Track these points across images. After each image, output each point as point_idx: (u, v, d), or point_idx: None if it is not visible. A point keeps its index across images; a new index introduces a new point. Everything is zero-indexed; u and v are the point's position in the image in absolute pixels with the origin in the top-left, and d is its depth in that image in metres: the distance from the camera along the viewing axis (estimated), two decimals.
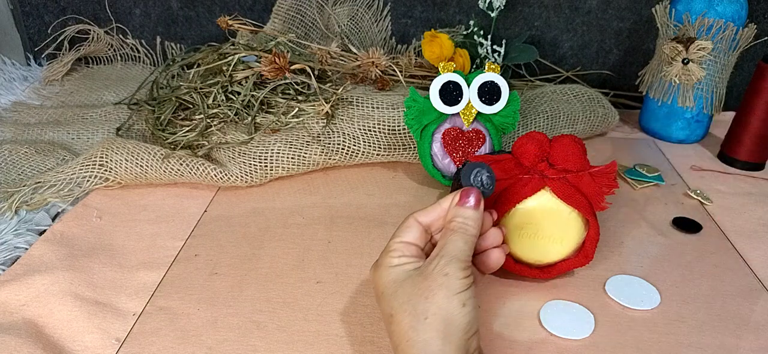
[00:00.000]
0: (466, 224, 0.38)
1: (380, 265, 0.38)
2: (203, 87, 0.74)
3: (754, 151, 0.70)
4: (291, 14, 0.90)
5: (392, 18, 0.94)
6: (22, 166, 0.67)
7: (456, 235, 0.37)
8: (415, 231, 0.39)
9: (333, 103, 0.67)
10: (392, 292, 0.36)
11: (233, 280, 0.49)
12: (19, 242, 0.54)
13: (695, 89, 0.74)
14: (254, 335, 0.43)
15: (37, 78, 0.94)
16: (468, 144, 0.61)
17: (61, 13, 0.98)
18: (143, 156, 0.62)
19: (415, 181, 0.67)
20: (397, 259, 0.38)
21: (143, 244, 0.54)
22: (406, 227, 0.39)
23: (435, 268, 0.35)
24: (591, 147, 0.53)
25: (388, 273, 0.37)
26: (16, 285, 0.47)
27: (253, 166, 0.63)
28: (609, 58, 0.93)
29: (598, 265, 0.51)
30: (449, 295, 0.34)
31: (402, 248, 0.38)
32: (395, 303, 0.35)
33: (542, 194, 0.46)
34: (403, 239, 0.39)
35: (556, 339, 0.43)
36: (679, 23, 0.73)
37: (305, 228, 0.57)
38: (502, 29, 0.92)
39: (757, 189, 0.67)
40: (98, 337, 0.43)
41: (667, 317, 0.46)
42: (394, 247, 0.38)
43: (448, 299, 0.34)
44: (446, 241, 0.37)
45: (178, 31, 0.99)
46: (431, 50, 0.78)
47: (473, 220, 0.38)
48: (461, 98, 0.59)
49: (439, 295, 0.34)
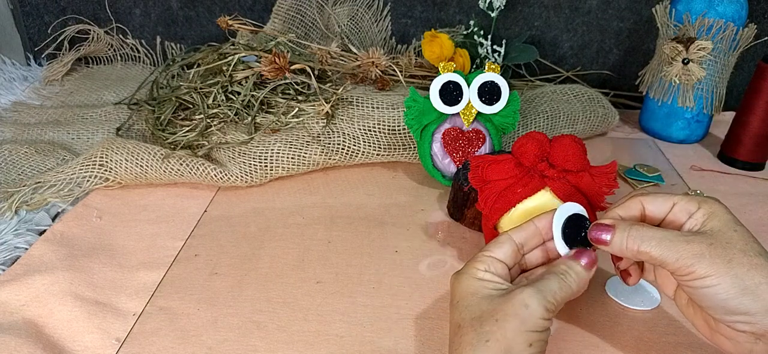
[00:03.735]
0: (568, 274, 0.35)
1: (463, 273, 0.37)
2: (203, 87, 0.74)
3: (754, 151, 0.70)
4: (291, 14, 0.90)
5: (392, 18, 0.94)
6: (22, 166, 0.66)
7: (554, 278, 0.35)
8: (508, 248, 0.38)
9: (333, 103, 0.67)
10: (467, 305, 0.35)
11: (233, 280, 0.49)
12: (19, 242, 0.54)
13: (695, 89, 0.74)
14: (254, 335, 0.43)
15: (37, 78, 0.94)
16: (468, 144, 0.61)
17: (61, 13, 0.98)
18: (143, 156, 0.62)
19: (415, 181, 0.67)
20: (483, 272, 0.36)
21: (143, 244, 0.54)
22: (498, 242, 0.38)
23: (517, 296, 0.33)
24: (591, 147, 0.53)
25: (470, 283, 0.36)
26: (16, 285, 0.47)
27: (253, 166, 0.63)
28: (609, 58, 0.93)
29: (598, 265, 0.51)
30: (520, 329, 0.32)
31: (490, 262, 0.37)
32: (467, 315, 0.34)
33: (542, 194, 0.46)
34: (493, 254, 0.37)
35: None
36: (679, 23, 0.73)
37: (305, 228, 0.57)
38: (502, 29, 0.92)
39: (757, 189, 0.67)
40: (98, 337, 0.43)
41: (667, 317, 0.46)
42: (482, 258, 0.37)
43: (517, 332, 0.32)
44: (542, 278, 0.35)
45: (178, 31, 0.99)
46: (431, 50, 0.78)
47: (578, 275, 0.36)
48: (461, 98, 0.59)
49: (510, 323, 0.32)
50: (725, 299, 0.32)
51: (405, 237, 0.56)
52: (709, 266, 0.32)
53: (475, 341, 0.33)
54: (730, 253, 0.32)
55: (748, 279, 0.32)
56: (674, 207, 0.36)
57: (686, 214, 0.35)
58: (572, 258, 0.37)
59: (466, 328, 0.34)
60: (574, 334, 0.44)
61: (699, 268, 0.32)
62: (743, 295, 0.32)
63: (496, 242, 0.38)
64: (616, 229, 0.36)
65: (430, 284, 0.49)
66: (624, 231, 0.35)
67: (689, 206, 0.35)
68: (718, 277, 0.32)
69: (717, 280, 0.32)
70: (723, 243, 0.33)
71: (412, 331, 0.44)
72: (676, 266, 0.33)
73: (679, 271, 0.33)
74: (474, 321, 0.34)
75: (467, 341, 0.33)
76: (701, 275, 0.32)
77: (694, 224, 0.35)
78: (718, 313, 0.33)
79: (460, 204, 0.57)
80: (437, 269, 0.51)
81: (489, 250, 0.38)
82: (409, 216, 0.60)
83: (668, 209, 0.36)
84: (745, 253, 0.32)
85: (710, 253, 0.32)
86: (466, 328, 0.34)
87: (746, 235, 0.33)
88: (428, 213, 0.60)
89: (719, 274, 0.32)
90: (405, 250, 0.54)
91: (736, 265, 0.32)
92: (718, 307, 0.32)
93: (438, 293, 0.48)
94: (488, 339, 0.32)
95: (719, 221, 0.34)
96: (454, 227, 0.58)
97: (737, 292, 0.32)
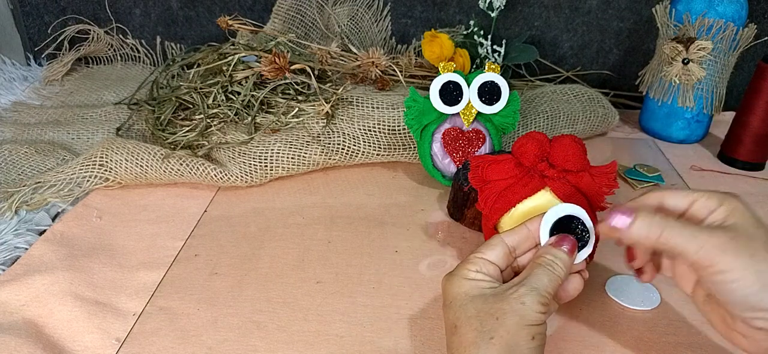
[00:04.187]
0: (554, 263, 0.36)
1: (454, 275, 0.37)
2: (203, 87, 0.74)
3: (754, 151, 0.70)
4: (291, 14, 0.90)
5: (392, 18, 0.94)
6: (22, 166, 0.66)
7: (542, 270, 0.36)
8: (500, 250, 0.38)
9: (333, 103, 0.67)
10: (461, 304, 0.35)
11: (233, 280, 0.49)
12: (19, 242, 0.54)
13: (695, 89, 0.74)
14: (254, 335, 0.43)
15: (37, 78, 0.94)
16: (468, 144, 0.61)
17: (61, 13, 0.98)
18: (143, 156, 0.62)
19: (415, 181, 0.67)
20: (474, 273, 0.36)
21: (143, 244, 0.54)
22: (490, 245, 0.38)
23: (513, 294, 0.34)
24: (591, 147, 0.53)
25: (461, 284, 0.36)
26: (16, 285, 0.47)
27: (253, 166, 0.63)
28: (609, 58, 0.93)
29: (598, 265, 0.51)
30: (521, 324, 0.33)
31: (482, 264, 0.37)
32: (462, 315, 0.34)
33: (542, 194, 0.46)
34: (484, 256, 0.37)
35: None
36: (679, 23, 0.73)
37: (305, 228, 0.57)
38: (502, 29, 0.92)
39: (757, 189, 0.67)
40: (98, 337, 0.43)
41: (667, 317, 0.46)
42: (473, 260, 0.37)
43: (518, 327, 0.32)
44: (531, 273, 0.36)
45: (178, 31, 0.99)
46: (431, 50, 0.78)
47: (563, 262, 0.36)
48: (461, 98, 0.59)
49: (510, 319, 0.33)
50: (747, 295, 0.31)
51: (405, 237, 0.56)
52: (732, 260, 0.31)
53: (478, 339, 0.33)
54: (753, 248, 0.32)
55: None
56: (695, 203, 0.35)
57: (707, 210, 0.35)
58: (554, 245, 0.37)
59: (465, 327, 0.34)
60: (574, 334, 0.44)
61: (721, 262, 0.32)
62: (765, 290, 0.31)
63: (488, 244, 0.38)
64: (637, 214, 0.34)
65: (430, 284, 0.49)
66: (646, 217, 0.34)
67: (710, 203, 0.35)
68: (740, 271, 0.31)
69: (740, 274, 0.31)
70: (746, 238, 0.32)
71: (412, 331, 0.44)
72: (697, 257, 0.32)
73: (700, 263, 0.33)
74: (472, 320, 0.34)
75: (470, 339, 0.33)
76: (723, 269, 0.32)
77: (715, 220, 0.34)
78: (738, 309, 0.32)
79: (460, 204, 0.57)
80: (437, 269, 0.51)
81: (480, 252, 0.38)
82: (409, 216, 0.60)
83: (688, 205, 0.36)
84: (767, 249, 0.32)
85: (733, 247, 0.32)
86: (465, 327, 0.34)
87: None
88: (428, 213, 0.60)
89: (742, 268, 0.31)
90: (405, 250, 0.54)
91: (760, 260, 0.31)
92: (739, 302, 0.32)
93: (438, 293, 0.48)
94: (492, 336, 0.32)
95: (741, 217, 0.33)
96: (454, 227, 0.58)
97: (760, 287, 0.31)
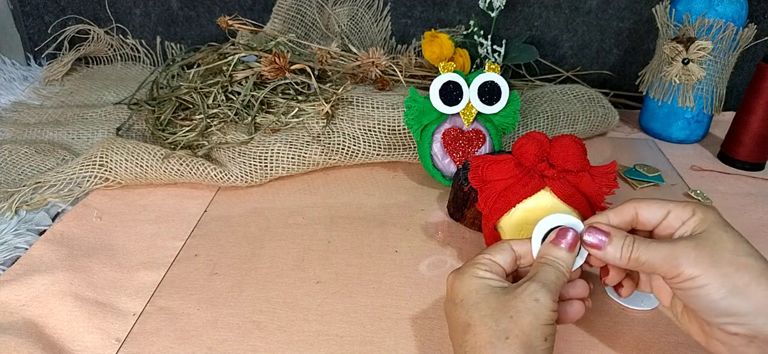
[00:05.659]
0: (559, 262, 0.36)
1: (463, 273, 0.37)
2: (203, 87, 0.74)
3: (754, 151, 0.70)
4: (291, 14, 0.90)
5: (392, 18, 0.94)
6: (22, 166, 0.67)
7: (550, 268, 0.36)
8: (507, 255, 0.38)
9: (333, 103, 0.67)
10: (473, 302, 0.35)
11: (233, 280, 0.49)
12: (19, 242, 0.54)
13: (695, 89, 0.74)
14: (254, 335, 0.43)
15: (37, 78, 0.94)
16: (468, 144, 0.61)
17: (61, 13, 0.98)
18: (143, 156, 0.62)
19: (415, 181, 0.67)
20: (483, 271, 0.37)
21: (143, 244, 0.54)
22: (498, 248, 0.38)
23: (525, 291, 0.34)
24: (591, 147, 0.53)
25: (472, 282, 0.36)
26: (16, 285, 0.47)
27: (253, 166, 0.63)
28: (609, 58, 0.93)
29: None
30: (536, 324, 0.33)
31: (490, 264, 0.37)
32: (475, 313, 0.34)
33: (542, 194, 0.46)
34: (493, 258, 0.38)
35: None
36: (679, 23, 0.73)
37: (305, 228, 0.57)
38: (502, 29, 0.92)
39: (757, 189, 0.67)
40: (98, 337, 0.43)
41: (666, 317, 0.46)
42: (482, 260, 0.37)
43: (533, 327, 0.32)
44: (538, 270, 0.36)
45: (178, 31, 0.99)
46: (431, 50, 0.78)
47: (565, 261, 0.37)
48: (461, 98, 0.59)
49: (525, 319, 0.33)
50: (715, 300, 0.32)
51: (405, 237, 0.56)
52: (695, 266, 0.32)
53: (494, 339, 0.32)
54: (718, 254, 0.32)
55: (737, 279, 0.32)
56: (669, 214, 0.36)
57: (680, 221, 0.36)
58: (554, 242, 0.37)
59: (480, 326, 0.33)
60: (574, 334, 0.44)
61: (686, 269, 0.32)
62: (733, 295, 0.32)
63: (497, 247, 0.39)
64: (612, 238, 0.36)
65: (430, 284, 0.49)
66: (619, 240, 0.36)
67: (683, 213, 0.35)
68: (706, 277, 0.32)
69: (705, 280, 0.32)
70: (710, 244, 0.33)
71: (412, 331, 0.44)
72: (664, 268, 0.33)
73: (668, 274, 0.34)
74: (487, 319, 0.33)
75: (485, 339, 0.33)
76: (689, 276, 0.32)
77: (686, 230, 0.35)
78: (709, 316, 0.33)
79: (460, 204, 0.57)
80: (437, 269, 0.51)
81: (490, 254, 0.38)
82: (409, 216, 0.60)
83: (663, 216, 0.36)
84: (734, 254, 0.32)
85: (696, 254, 0.32)
86: (479, 327, 0.33)
87: (736, 237, 0.33)
88: (428, 213, 0.60)
89: (707, 274, 0.32)
90: (405, 250, 0.54)
91: (725, 264, 0.32)
92: (708, 308, 0.32)
93: (438, 293, 0.48)
94: (507, 336, 0.32)
95: (709, 224, 0.34)
96: (454, 227, 0.58)
97: (726, 292, 0.32)
